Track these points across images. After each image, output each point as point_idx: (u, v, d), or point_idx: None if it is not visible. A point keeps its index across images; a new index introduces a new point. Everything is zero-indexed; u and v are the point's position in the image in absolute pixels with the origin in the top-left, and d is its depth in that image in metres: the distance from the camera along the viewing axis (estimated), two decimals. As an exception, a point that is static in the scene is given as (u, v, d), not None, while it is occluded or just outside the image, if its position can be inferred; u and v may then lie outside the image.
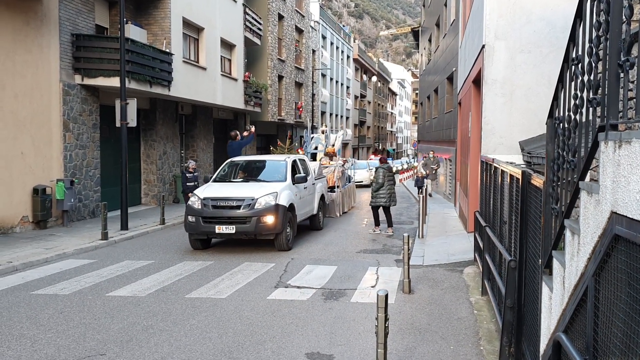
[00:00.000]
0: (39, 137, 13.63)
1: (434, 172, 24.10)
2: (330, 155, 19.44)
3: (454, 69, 20.71)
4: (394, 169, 53.10)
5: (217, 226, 10.78)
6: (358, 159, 52.17)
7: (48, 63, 13.90)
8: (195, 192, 11.63)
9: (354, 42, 63.12)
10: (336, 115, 51.73)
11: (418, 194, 19.15)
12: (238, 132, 17.26)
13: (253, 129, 17.92)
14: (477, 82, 12.50)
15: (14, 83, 12.78)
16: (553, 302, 3.66)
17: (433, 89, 29.15)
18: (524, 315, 5.09)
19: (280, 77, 32.45)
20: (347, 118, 57.09)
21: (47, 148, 13.93)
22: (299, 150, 20.26)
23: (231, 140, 16.84)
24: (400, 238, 12.96)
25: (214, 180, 12.54)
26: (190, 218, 11.06)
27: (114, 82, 14.80)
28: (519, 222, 5.13)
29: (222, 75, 22.98)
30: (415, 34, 43.49)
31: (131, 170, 17.98)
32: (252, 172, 12.97)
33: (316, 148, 20.49)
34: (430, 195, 23.62)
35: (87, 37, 15.16)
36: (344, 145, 55.36)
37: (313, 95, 39.50)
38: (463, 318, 6.86)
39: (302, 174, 12.77)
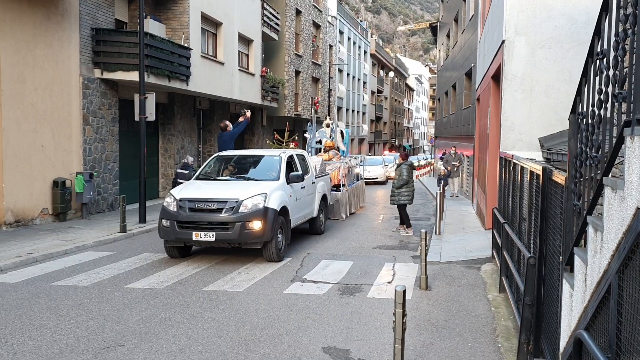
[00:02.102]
0: (59, 130, 13.78)
1: (455, 169, 22.56)
2: (327, 150, 17.61)
3: (472, 64, 20.54)
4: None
5: (194, 232, 9.23)
6: (374, 155, 52.08)
7: (68, 57, 14.03)
8: (171, 191, 10.09)
9: (371, 37, 62.91)
10: (352, 111, 51.63)
11: (440, 191, 18.10)
12: (228, 123, 15.30)
13: (248, 113, 15.65)
14: (496, 77, 12.40)
15: (35, 77, 12.92)
16: (574, 300, 3.63)
17: (451, 85, 28.96)
18: (543, 312, 5.04)
19: (297, 72, 32.46)
20: (364, 114, 56.96)
21: (67, 141, 14.08)
22: (292, 143, 18.46)
23: (221, 132, 15.02)
24: (417, 234, 12.91)
25: (197, 178, 11.05)
26: (164, 222, 9.53)
27: (133, 76, 14.90)
28: (539, 218, 5.08)
29: (239, 70, 23.04)
30: (433, 29, 43.20)
31: (149, 164, 18.13)
32: (240, 169, 11.38)
33: (320, 142, 18.70)
34: (453, 195, 22.15)
35: (107, 32, 15.28)
36: (360, 140, 55.31)
37: (330, 90, 39.45)
38: (480, 315, 6.82)
39: (298, 172, 11.30)
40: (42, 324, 6.27)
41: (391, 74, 69.30)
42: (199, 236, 9.24)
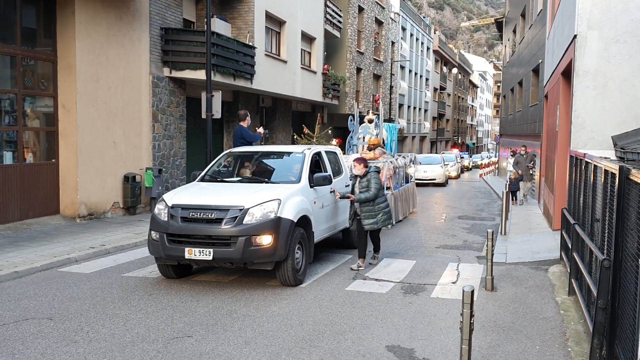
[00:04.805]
0: (130, 127, 14.31)
1: (529, 171, 19.53)
2: (372, 148, 15.01)
3: (540, 60, 19.93)
4: (470, 164, 51.57)
5: (187, 249, 7.40)
6: (436, 153, 51.36)
7: (139, 56, 14.54)
8: (164, 196, 8.27)
9: (434, 33, 62.02)
10: (414, 108, 51.07)
11: (511, 200, 16.53)
12: (248, 113, 12.39)
13: (263, 131, 12.71)
14: (567, 74, 11.98)
15: (107, 75, 13.46)
16: (654, 305, 3.47)
17: (517, 82, 28.21)
18: (618, 316, 4.84)
19: (358, 70, 32.39)
20: (426, 111, 56.24)
21: (137, 138, 14.61)
22: (333, 140, 16.16)
23: (239, 124, 12.10)
24: (482, 234, 12.67)
25: (202, 179, 9.23)
26: (153, 234, 7.77)
27: (200, 75, 15.28)
28: (615, 219, 4.88)
29: (301, 68, 23.22)
30: (499, 25, 42.17)
31: (214, 160, 18.57)
32: (255, 169, 9.56)
33: (363, 139, 16.41)
34: (522, 202, 19.51)
35: (175, 31, 15.74)
36: (422, 138, 54.66)
37: (391, 87, 39.16)
38: (549, 318, 6.63)
39: (326, 173, 9.30)
40: (114, 313, 6.53)
41: (454, 70, 68.07)
42: (192, 253, 7.42)
